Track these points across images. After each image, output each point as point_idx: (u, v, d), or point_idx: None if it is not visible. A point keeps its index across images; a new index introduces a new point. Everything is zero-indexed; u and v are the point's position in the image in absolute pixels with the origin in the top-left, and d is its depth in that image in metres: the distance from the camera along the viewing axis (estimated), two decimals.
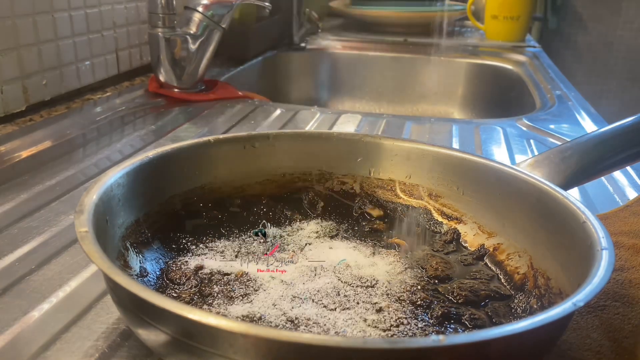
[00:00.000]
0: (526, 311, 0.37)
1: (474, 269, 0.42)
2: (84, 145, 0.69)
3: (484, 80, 1.32)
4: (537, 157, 0.46)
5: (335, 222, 0.48)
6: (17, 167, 0.60)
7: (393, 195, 0.50)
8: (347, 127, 0.80)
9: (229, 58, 1.17)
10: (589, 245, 0.33)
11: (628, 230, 0.47)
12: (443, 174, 0.47)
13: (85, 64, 0.87)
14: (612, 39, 2.84)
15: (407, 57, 1.38)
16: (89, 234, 0.31)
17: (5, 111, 0.73)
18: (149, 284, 0.38)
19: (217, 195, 0.48)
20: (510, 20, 1.46)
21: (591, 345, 0.34)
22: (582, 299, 0.27)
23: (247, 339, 0.25)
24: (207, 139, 0.47)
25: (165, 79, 0.90)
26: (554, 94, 1.01)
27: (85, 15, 0.86)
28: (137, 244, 0.40)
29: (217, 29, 0.90)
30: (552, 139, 0.76)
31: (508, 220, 0.43)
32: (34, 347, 0.33)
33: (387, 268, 0.41)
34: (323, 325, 0.34)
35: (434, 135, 0.77)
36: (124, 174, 0.40)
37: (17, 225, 0.47)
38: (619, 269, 0.41)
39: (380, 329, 0.34)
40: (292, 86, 1.39)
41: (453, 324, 0.35)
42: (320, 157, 0.50)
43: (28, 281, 0.40)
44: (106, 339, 0.34)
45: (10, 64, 0.72)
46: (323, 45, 1.43)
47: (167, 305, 0.26)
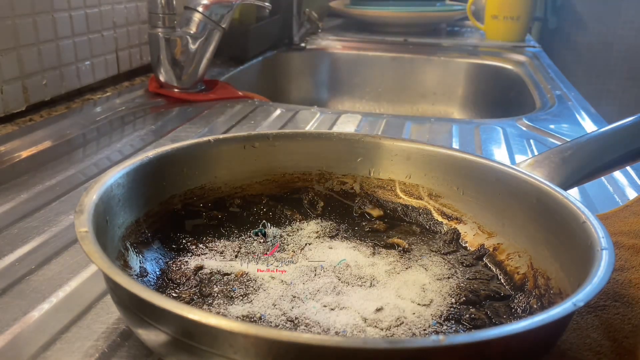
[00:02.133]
0: (526, 311, 0.37)
1: (474, 269, 0.42)
2: (84, 145, 0.69)
3: (484, 80, 1.32)
4: (537, 157, 0.46)
5: (335, 222, 0.48)
6: (17, 167, 0.60)
7: (393, 195, 0.50)
8: (347, 127, 0.80)
9: (229, 58, 1.17)
10: (589, 245, 0.33)
11: (628, 230, 0.47)
12: (443, 174, 0.47)
13: (85, 64, 0.87)
14: (612, 39, 2.84)
15: (407, 57, 1.38)
16: (89, 234, 0.31)
17: (5, 111, 0.73)
18: (149, 284, 0.38)
19: (217, 195, 0.48)
20: (510, 20, 1.46)
21: (591, 345, 0.34)
22: (582, 299, 0.27)
23: (247, 339, 0.25)
24: (207, 139, 0.47)
25: (165, 79, 0.90)
26: (554, 94, 1.01)
27: (85, 15, 0.86)
28: (137, 244, 0.40)
29: (217, 29, 0.90)
30: (552, 139, 0.76)
31: (508, 220, 0.43)
32: (34, 347, 0.33)
33: (387, 268, 0.41)
34: (323, 325, 0.34)
35: (434, 135, 0.77)
36: (124, 174, 0.40)
37: (17, 225, 0.47)
38: (619, 269, 0.41)
39: (380, 329, 0.34)
40: (292, 86, 1.39)
41: (453, 324, 0.35)
42: (320, 157, 0.50)
43: (28, 281, 0.40)
44: (106, 339, 0.34)
45: (10, 64, 0.72)
46: (323, 45, 1.43)
47: (167, 305, 0.26)
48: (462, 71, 1.34)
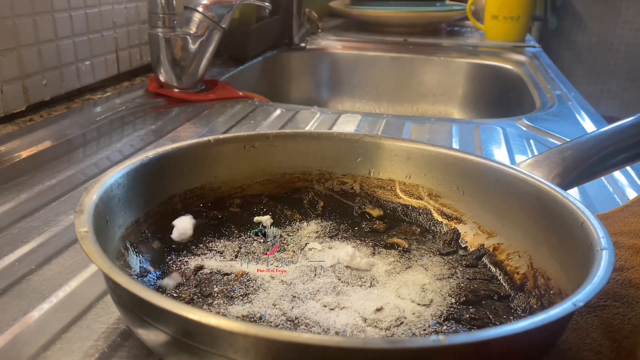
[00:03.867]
0: (526, 311, 0.37)
1: (474, 269, 0.42)
2: (84, 145, 0.69)
3: (484, 80, 1.32)
4: (537, 157, 0.46)
5: (335, 222, 0.48)
6: (17, 167, 0.60)
7: (393, 195, 0.50)
8: (347, 127, 0.80)
9: (229, 58, 1.17)
10: (588, 245, 0.33)
11: (628, 230, 0.47)
12: (443, 174, 0.47)
13: (85, 64, 0.87)
14: (612, 39, 2.84)
15: (407, 57, 1.38)
16: (89, 234, 0.31)
17: (5, 111, 0.73)
18: (149, 284, 0.38)
19: (217, 195, 0.48)
20: (510, 20, 1.46)
21: (591, 345, 0.34)
22: (582, 299, 0.27)
23: (247, 339, 0.25)
24: (207, 139, 0.47)
25: (165, 79, 0.90)
26: (554, 94, 1.01)
27: (85, 15, 0.86)
28: (137, 244, 0.40)
29: (217, 29, 0.90)
30: (552, 139, 0.76)
31: (508, 220, 0.43)
32: (34, 347, 0.33)
33: (387, 268, 0.41)
34: (323, 325, 0.34)
35: (434, 135, 0.77)
36: (124, 174, 0.40)
37: (17, 225, 0.47)
38: (619, 269, 0.41)
39: (380, 329, 0.34)
40: (292, 86, 1.39)
41: (453, 324, 0.35)
42: (320, 157, 0.50)
43: (28, 281, 0.40)
44: (106, 339, 0.34)
45: (10, 64, 0.72)
46: (323, 45, 1.43)
47: (167, 305, 0.26)
48: (462, 71, 1.34)
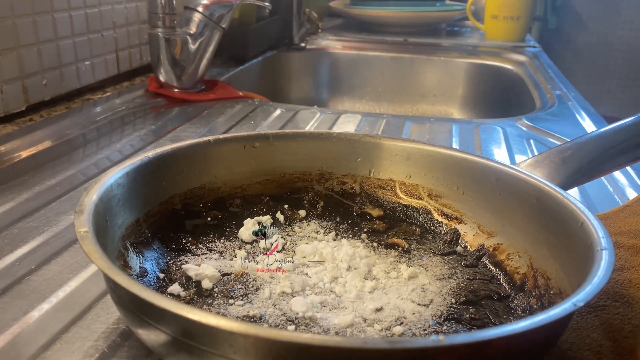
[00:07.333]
0: (526, 311, 0.37)
1: (474, 269, 0.42)
2: (84, 145, 0.69)
3: (484, 80, 1.32)
4: (537, 157, 0.46)
5: (335, 222, 0.48)
6: (17, 167, 0.60)
7: (393, 195, 0.50)
8: (347, 127, 0.80)
9: (229, 58, 1.17)
10: (589, 245, 0.33)
11: (628, 230, 0.47)
12: (443, 174, 0.47)
13: (85, 64, 0.87)
14: (612, 39, 2.84)
15: (407, 57, 1.38)
16: (89, 234, 0.31)
17: (5, 111, 0.73)
18: (149, 284, 0.38)
19: (217, 195, 0.48)
20: (510, 20, 1.46)
21: (591, 345, 0.34)
22: (582, 299, 0.27)
23: (247, 339, 0.25)
24: (207, 139, 0.47)
25: (165, 79, 0.90)
26: (554, 94, 1.01)
27: (85, 15, 0.86)
28: (137, 244, 0.40)
29: (217, 29, 0.90)
30: (552, 139, 0.76)
31: (508, 220, 0.43)
32: (34, 347, 0.33)
33: (387, 268, 0.41)
34: (323, 325, 0.34)
35: (434, 135, 0.77)
36: (124, 174, 0.40)
37: (17, 225, 0.47)
38: (619, 269, 0.41)
39: (380, 329, 0.34)
40: (292, 86, 1.39)
41: (453, 324, 0.35)
42: (320, 157, 0.50)
43: (28, 281, 0.40)
44: (106, 339, 0.34)
45: (10, 64, 0.72)
46: (323, 45, 1.43)
47: (167, 305, 0.26)
48: (462, 71, 1.34)
